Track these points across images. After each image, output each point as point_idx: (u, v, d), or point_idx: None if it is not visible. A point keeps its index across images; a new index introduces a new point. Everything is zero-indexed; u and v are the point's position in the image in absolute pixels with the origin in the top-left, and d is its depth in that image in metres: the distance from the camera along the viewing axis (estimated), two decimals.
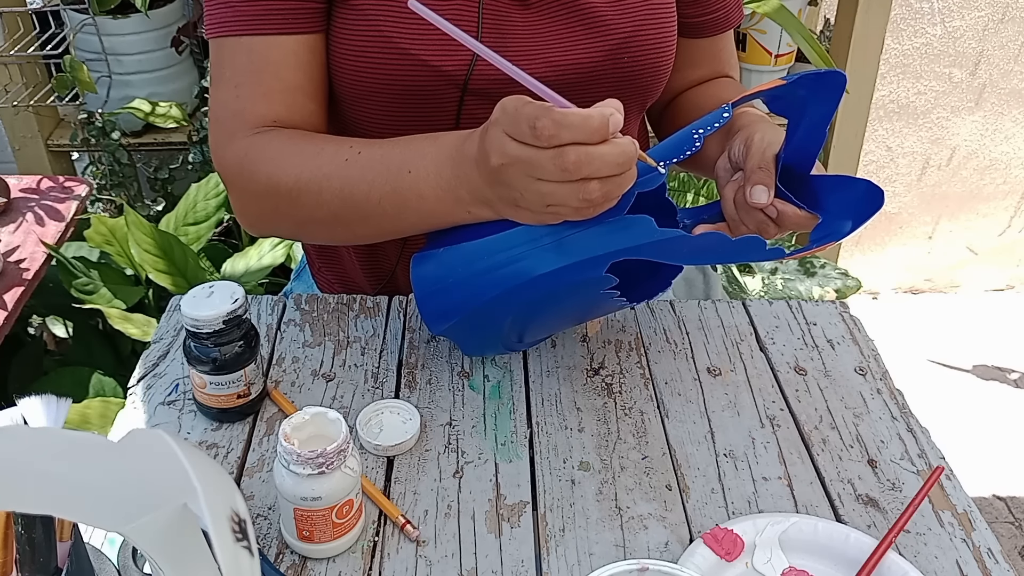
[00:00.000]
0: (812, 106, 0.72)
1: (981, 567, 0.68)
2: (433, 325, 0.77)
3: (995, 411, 2.14)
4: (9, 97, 1.65)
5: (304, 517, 0.65)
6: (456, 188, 0.71)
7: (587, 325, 0.92)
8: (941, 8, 2.14)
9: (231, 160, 0.81)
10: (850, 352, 0.91)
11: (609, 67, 0.85)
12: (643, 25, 0.85)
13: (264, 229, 0.86)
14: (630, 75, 0.86)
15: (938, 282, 2.56)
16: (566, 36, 0.84)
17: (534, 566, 0.68)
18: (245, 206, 0.83)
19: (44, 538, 0.50)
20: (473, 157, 0.69)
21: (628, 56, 0.85)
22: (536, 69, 0.82)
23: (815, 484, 0.76)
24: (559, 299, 0.73)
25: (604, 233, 0.68)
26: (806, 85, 0.71)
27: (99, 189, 1.77)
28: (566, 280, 0.70)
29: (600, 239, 0.68)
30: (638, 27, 0.85)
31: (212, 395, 0.78)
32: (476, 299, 0.72)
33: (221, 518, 0.31)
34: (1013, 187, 2.43)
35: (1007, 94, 2.28)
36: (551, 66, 0.83)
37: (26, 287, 1.34)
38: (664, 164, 0.70)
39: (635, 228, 0.67)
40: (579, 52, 0.84)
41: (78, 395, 1.40)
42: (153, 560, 0.35)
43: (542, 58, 0.83)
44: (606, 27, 0.84)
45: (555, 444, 0.79)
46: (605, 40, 0.84)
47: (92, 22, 1.62)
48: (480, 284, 0.72)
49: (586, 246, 0.68)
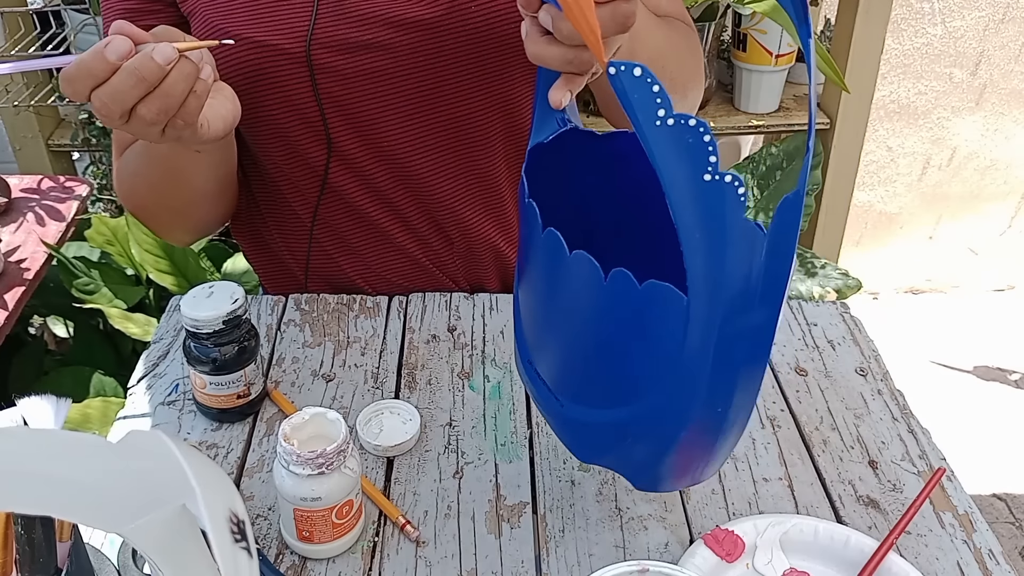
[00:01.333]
0: None
1: (982, 568, 0.68)
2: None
3: (996, 412, 2.14)
4: (10, 97, 1.65)
5: (304, 517, 0.65)
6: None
7: None
8: (941, 8, 2.14)
9: (115, 173, 0.93)
10: (851, 353, 0.91)
11: (456, 20, 0.82)
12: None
13: (152, 226, 0.96)
14: (483, 25, 0.82)
15: (939, 282, 2.56)
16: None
17: (534, 567, 0.68)
18: (131, 210, 0.94)
19: (44, 538, 0.50)
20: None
21: (475, 5, 0.82)
22: (380, 32, 0.82)
23: (816, 485, 0.75)
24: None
25: None
26: None
27: (100, 189, 1.77)
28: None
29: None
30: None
31: (212, 395, 0.78)
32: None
33: (220, 519, 0.31)
34: (1014, 187, 2.43)
35: (1008, 94, 2.28)
36: (394, 26, 0.82)
37: (27, 287, 1.34)
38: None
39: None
40: (421, 7, 0.82)
41: (78, 395, 1.40)
42: (152, 561, 0.35)
43: (383, 18, 0.82)
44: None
45: (555, 444, 0.78)
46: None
47: (92, 22, 1.62)
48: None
49: None
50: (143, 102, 0.65)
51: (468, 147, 0.90)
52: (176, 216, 0.93)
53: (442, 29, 0.82)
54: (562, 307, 0.60)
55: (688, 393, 0.55)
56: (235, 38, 0.80)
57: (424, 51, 0.83)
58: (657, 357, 0.55)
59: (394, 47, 0.83)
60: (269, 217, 0.97)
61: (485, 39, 0.83)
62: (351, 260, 0.96)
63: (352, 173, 0.89)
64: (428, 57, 0.84)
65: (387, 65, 0.83)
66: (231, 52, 0.81)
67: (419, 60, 0.83)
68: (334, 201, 0.92)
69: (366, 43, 0.82)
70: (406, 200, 0.92)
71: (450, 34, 0.83)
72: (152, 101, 0.65)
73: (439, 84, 0.85)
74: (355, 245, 0.95)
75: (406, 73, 0.84)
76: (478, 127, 0.89)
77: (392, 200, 0.91)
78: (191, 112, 0.68)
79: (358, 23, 0.82)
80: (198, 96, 0.67)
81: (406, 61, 0.83)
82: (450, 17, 0.82)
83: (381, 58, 0.83)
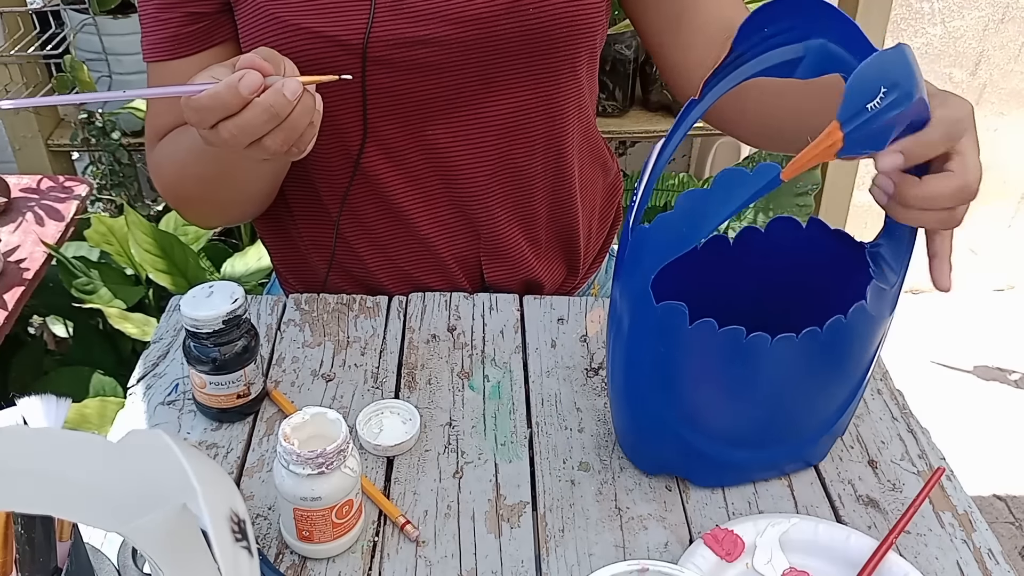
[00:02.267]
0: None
1: (981, 567, 0.68)
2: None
3: (996, 411, 2.14)
4: (9, 97, 1.65)
5: (304, 517, 0.65)
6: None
7: (586, 326, 0.92)
8: (941, 8, 2.14)
9: (150, 163, 0.93)
10: None
11: (514, 20, 0.82)
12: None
13: (189, 216, 0.97)
14: (538, 26, 0.83)
15: None
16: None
17: (534, 566, 0.68)
18: (167, 198, 0.94)
19: (44, 538, 0.50)
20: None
21: (532, 7, 0.82)
22: (437, 28, 0.82)
23: (815, 485, 0.75)
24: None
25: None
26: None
27: (99, 189, 1.77)
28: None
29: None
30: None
31: (212, 395, 0.78)
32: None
33: (220, 518, 0.31)
34: (1014, 187, 2.43)
35: (1007, 94, 2.28)
36: (451, 23, 0.82)
37: (26, 287, 1.34)
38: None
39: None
40: (479, 6, 0.81)
41: (78, 395, 1.40)
42: (152, 560, 0.35)
43: (441, 15, 0.81)
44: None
45: (555, 444, 0.79)
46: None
47: (92, 22, 1.62)
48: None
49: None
50: (270, 134, 0.69)
51: (509, 145, 0.90)
52: (221, 209, 0.95)
53: (498, 27, 0.83)
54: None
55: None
56: (292, 27, 0.80)
57: (477, 47, 0.83)
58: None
59: (449, 42, 0.83)
60: (295, 205, 0.97)
61: (538, 40, 0.84)
62: (373, 252, 0.96)
63: (388, 158, 0.89)
64: (480, 53, 0.84)
65: (439, 59, 0.83)
66: (287, 40, 0.80)
67: (471, 55, 0.84)
68: (364, 188, 0.92)
69: (423, 38, 0.82)
70: (439, 191, 0.92)
71: (505, 32, 0.83)
72: (278, 134, 0.69)
73: (488, 80, 0.86)
74: (379, 235, 0.95)
75: (457, 67, 0.84)
76: (521, 127, 0.89)
77: (425, 189, 0.91)
78: (307, 142, 0.72)
79: (417, 19, 0.81)
80: (314, 127, 0.72)
81: (458, 55, 0.83)
82: (508, 16, 0.82)
83: (435, 52, 0.83)
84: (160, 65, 0.87)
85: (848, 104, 0.57)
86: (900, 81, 0.57)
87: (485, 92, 0.87)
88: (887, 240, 0.69)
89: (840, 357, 0.70)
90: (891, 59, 0.57)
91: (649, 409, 0.70)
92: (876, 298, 0.67)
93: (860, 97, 0.57)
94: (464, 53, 0.83)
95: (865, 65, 0.56)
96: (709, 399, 0.69)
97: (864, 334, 0.69)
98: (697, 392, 0.68)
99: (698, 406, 0.69)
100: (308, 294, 0.97)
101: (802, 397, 0.71)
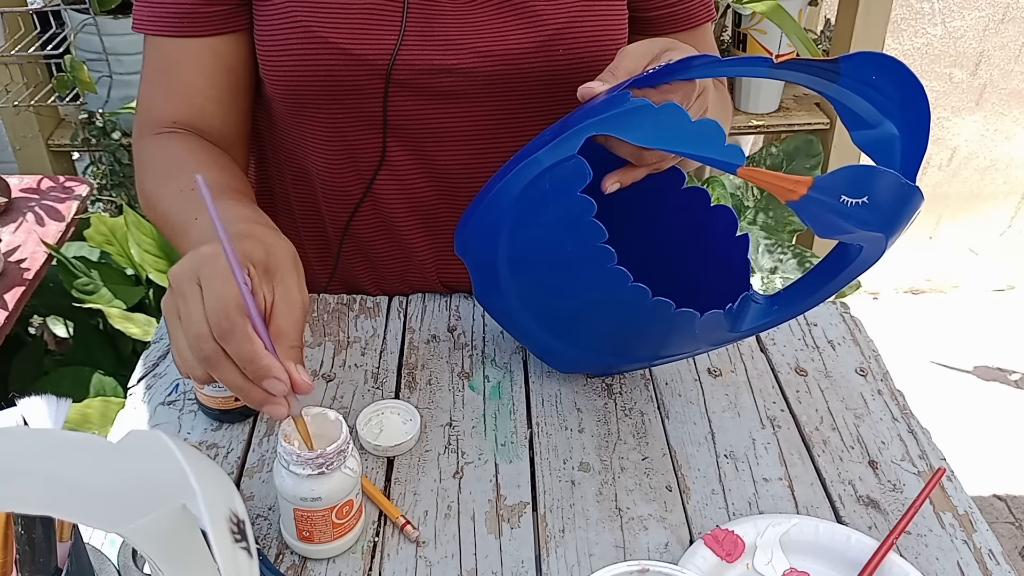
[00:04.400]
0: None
1: (982, 568, 0.68)
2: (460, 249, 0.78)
3: (996, 412, 2.14)
4: (10, 97, 1.65)
5: (304, 517, 0.65)
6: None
7: None
8: (941, 8, 2.14)
9: (136, 152, 0.87)
10: (851, 353, 0.91)
11: (543, 59, 0.83)
12: (579, 17, 0.82)
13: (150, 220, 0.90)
14: (565, 68, 0.83)
15: (939, 282, 2.56)
16: (497, 26, 0.82)
17: (534, 567, 0.68)
18: (139, 197, 0.87)
19: (44, 538, 0.50)
20: (189, 251, 0.63)
21: (563, 48, 0.83)
22: (465, 59, 0.82)
23: (816, 485, 0.75)
24: (558, 251, 0.69)
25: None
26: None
27: (99, 189, 1.77)
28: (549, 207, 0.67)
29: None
30: (573, 19, 0.82)
31: (211, 396, 0.78)
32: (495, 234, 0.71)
33: (220, 519, 0.31)
34: (1014, 187, 2.43)
35: (1007, 94, 2.28)
36: (480, 55, 0.82)
37: (27, 287, 1.34)
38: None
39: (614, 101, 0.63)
40: (510, 42, 0.82)
41: (78, 395, 1.40)
42: (152, 561, 0.35)
43: (471, 47, 0.82)
44: (538, 17, 0.81)
45: (555, 445, 0.79)
46: (538, 31, 0.82)
47: (93, 22, 1.62)
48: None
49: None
50: (215, 368, 0.59)
51: None
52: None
53: (526, 64, 0.83)
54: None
55: None
56: (319, 40, 0.79)
57: (502, 81, 0.83)
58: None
59: (474, 73, 0.82)
60: (301, 218, 0.96)
61: (562, 83, 0.84)
62: (371, 274, 0.97)
63: (396, 182, 0.89)
64: (504, 87, 0.84)
65: (462, 88, 0.83)
66: (310, 52, 0.79)
67: (495, 88, 0.84)
68: (369, 209, 0.91)
69: (448, 67, 0.82)
70: (444, 219, 0.92)
71: (532, 69, 0.83)
72: (220, 371, 0.59)
73: (507, 115, 0.86)
74: (377, 255, 0.95)
75: (478, 98, 0.84)
76: None
77: (429, 215, 0.91)
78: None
79: (446, 48, 0.81)
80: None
81: (482, 87, 0.83)
82: (537, 54, 0.82)
83: (458, 82, 0.83)
84: (163, 40, 0.82)
85: (834, 179, 0.57)
86: (887, 218, 0.59)
87: (502, 125, 0.86)
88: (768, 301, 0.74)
89: (665, 331, 0.73)
90: (903, 197, 0.59)
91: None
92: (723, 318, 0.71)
93: (848, 187, 0.57)
94: (488, 85, 0.83)
95: (886, 175, 0.57)
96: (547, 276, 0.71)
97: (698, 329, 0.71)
98: (542, 265, 0.71)
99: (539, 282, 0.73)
100: (308, 294, 0.97)
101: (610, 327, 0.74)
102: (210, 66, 0.83)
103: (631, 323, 0.72)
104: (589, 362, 0.83)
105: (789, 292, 0.74)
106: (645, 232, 0.84)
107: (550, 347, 0.80)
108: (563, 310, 0.74)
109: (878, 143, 0.67)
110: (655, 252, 0.83)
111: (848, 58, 0.65)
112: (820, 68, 0.66)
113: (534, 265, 0.72)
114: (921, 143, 0.66)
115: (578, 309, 0.73)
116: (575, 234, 0.67)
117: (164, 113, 0.84)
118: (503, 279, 0.74)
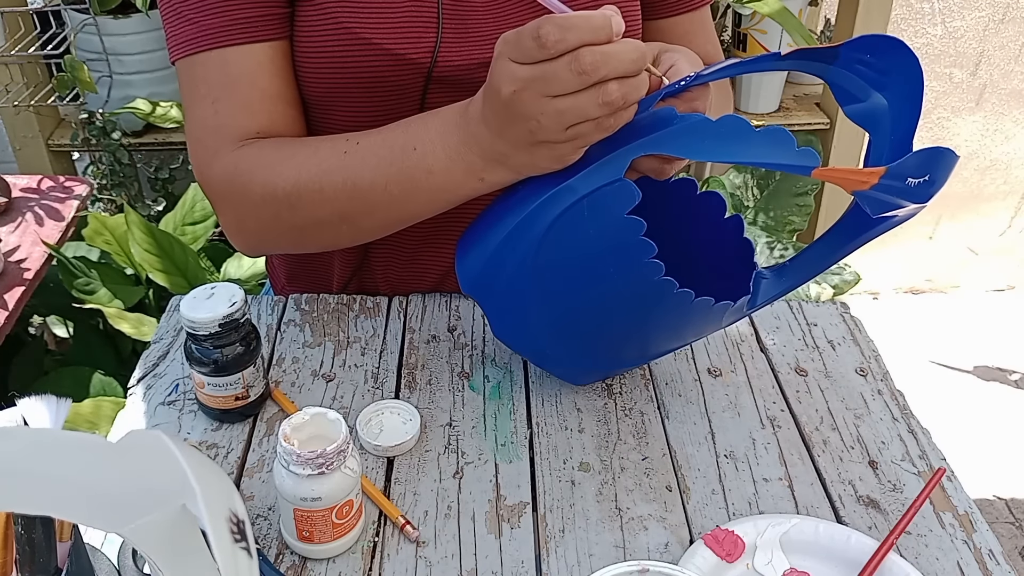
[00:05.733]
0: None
1: (982, 568, 0.68)
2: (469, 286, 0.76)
3: (996, 412, 2.14)
4: (10, 97, 1.65)
5: (304, 517, 0.65)
6: (465, 154, 0.69)
7: None
8: (941, 8, 2.14)
9: (219, 177, 0.79)
10: (851, 353, 0.91)
11: None
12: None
13: (263, 244, 0.85)
14: None
15: (939, 282, 2.56)
16: (528, 19, 0.81)
17: (534, 567, 0.68)
18: (242, 221, 0.80)
19: (44, 538, 0.50)
20: (479, 115, 0.67)
21: None
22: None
23: (816, 485, 0.75)
24: (597, 273, 0.68)
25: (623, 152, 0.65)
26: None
27: (99, 189, 1.77)
28: (591, 232, 0.66)
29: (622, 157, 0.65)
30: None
31: (211, 396, 0.78)
32: (507, 263, 0.70)
33: (219, 519, 0.31)
34: (1013, 187, 2.43)
35: (1007, 94, 2.28)
36: None
37: (27, 287, 1.34)
38: (684, 79, 0.66)
39: (658, 118, 0.64)
40: None
41: (78, 395, 1.40)
42: (152, 561, 0.35)
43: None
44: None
45: (555, 445, 0.79)
46: None
47: (93, 22, 1.62)
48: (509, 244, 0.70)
49: (608, 161, 0.66)
50: (621, 81, 0.61)
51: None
52: (333, 241, 0.82)
53: None
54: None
55: None
56: (361, 40, 0.78)
57: None
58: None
59: None
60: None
61: None
62: (399, 272, 0.96)
63: None
64: None
65: None
66: (352, 52, 0.79)
67: None
68: None
69: (486, 62, 0.81)
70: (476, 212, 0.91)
71: None
72: (627, 83, 0.61)
73: None
74: (410, 257, 0.95)
75: None
76: None
77: (468, 213, 0.91)
78: (627, 119, 0.65)
79: (481, 42, 0.81)
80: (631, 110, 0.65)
81: None
82: None
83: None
84: (224, 53, 0.77)
85: (902, 166, 0.59)
86: (937, 185, 0.62)
87: None
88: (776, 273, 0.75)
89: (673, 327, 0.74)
90: (950, 165, 0.62)
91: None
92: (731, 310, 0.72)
93: (914, 169, 0.60)
94: None
95: (946, 154, 0.60)
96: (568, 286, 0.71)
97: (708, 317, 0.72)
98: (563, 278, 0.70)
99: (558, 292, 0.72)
100: (308, 294, 0.97)
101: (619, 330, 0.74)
102: (284, 68, 0.81)
103: (651, 321, 0.72)
104: (610, 371, 0.84)
105: (799, 258, 0.76)
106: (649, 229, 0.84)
107: (581, 366, 0.81)
108: (592, 327, 0.74)
109: (868, 115, 0.69)
110: (660, 245, 0.83)
111: (848, 42, 0.67)
112: (821, 52, 0.69)
113: (568, 294, 0.70)
114: (915, 108, 0.68)
115: (606, 323, 0.73)
116: (621, 254, 0.66)
117: (244, 127, 0.79)
118: (532, 313, 0.73)
